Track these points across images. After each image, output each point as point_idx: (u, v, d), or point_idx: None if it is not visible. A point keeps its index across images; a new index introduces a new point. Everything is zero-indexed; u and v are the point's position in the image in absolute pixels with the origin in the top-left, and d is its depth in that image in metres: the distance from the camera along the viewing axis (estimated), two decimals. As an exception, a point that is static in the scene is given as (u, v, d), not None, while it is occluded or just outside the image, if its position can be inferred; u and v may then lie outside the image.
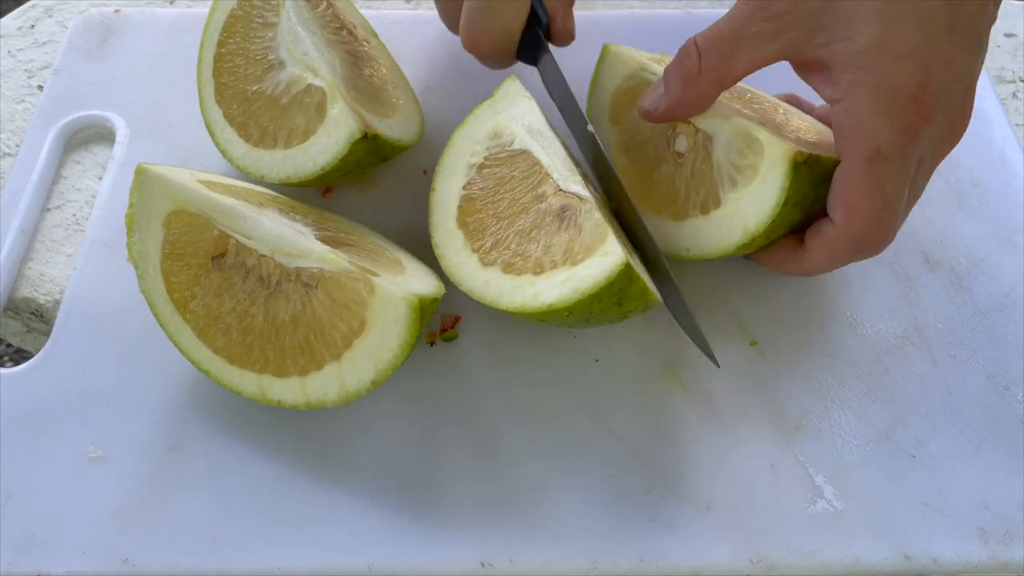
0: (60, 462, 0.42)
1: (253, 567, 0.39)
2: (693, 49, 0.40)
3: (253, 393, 0.41)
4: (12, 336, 0.54)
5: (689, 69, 0.40)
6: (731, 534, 0.40)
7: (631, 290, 0.39)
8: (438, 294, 0.41)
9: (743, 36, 0.39)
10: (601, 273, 0.38)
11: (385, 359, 0.39)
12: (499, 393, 0.44)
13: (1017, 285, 0.49)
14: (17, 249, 0.50)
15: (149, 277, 0.42)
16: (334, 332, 0.40)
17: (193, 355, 0.42)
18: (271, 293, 0.40)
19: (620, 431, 0.43)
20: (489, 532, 0.40)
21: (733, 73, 0.40)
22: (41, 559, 0.39)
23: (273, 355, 0.40)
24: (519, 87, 0.48)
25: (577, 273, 0.39)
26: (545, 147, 0.45)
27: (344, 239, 0.44)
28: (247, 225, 0.41)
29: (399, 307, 0.38)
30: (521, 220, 0.43)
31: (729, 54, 0.39)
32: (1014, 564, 0.40)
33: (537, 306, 0.40)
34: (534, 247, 0.42)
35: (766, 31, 0.38)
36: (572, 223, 0.42)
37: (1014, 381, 0.46)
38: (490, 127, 0.47)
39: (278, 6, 0.49)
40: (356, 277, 0.39)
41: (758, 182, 0.41)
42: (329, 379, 0.40)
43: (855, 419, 0.44)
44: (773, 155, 0.41)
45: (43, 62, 0.61)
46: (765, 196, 0.41)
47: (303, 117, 0.47)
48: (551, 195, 0.43)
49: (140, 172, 0.41)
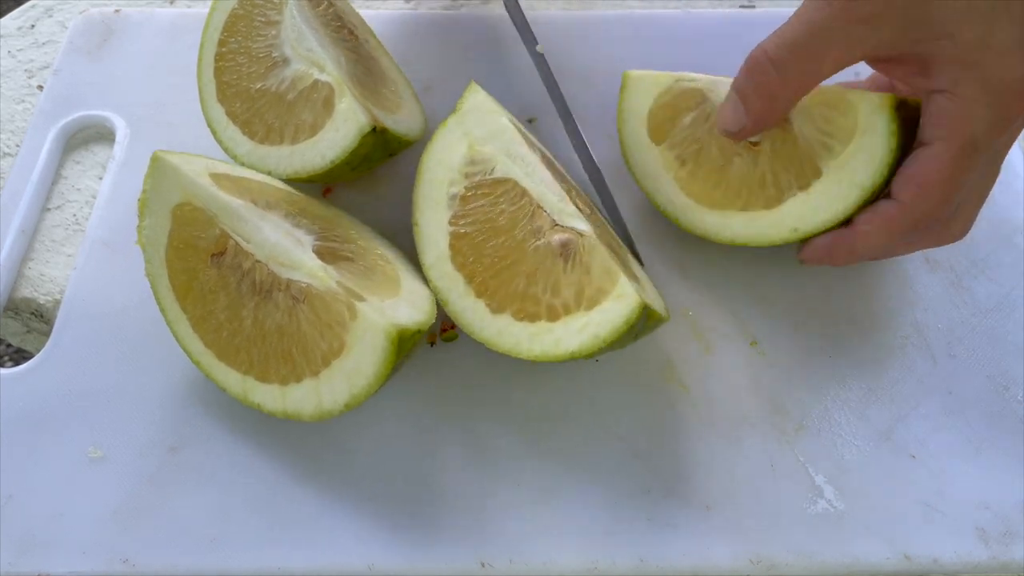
0: (60, 462, 0.42)
1: (253, 567, 0.39)
2: (767, 63, 0.40)
3: (237, 392, 0.41)
4: (12, 336, 0.54)
5: (769, 85, 0.40)
6: (731, 534, 0.40)
7: (648, 324, 0.40)
8: (423, 325, 0.40)
9: (826, 41, 0.39)
10: (620, 318, 0.39)
11: (360, 384, 0.39)
12: (499, 393, 0.44)
13: (1017, 285, 0.49)
14: (17, 249, 0.50)
15: (155, 262, 0.42)
16: (315, 348, 0.39)
17: (187, 345, 0.42)
18: (262, 299, 0.40)
19: (620, 431, 0.43)
20: (489, 532, 0.40)
21: (816, 79, 0.40)
22: (41, 559, 0.39)
23: (258, 359, 0.41)
24: (485, 98, 0.46)
25: (594, 319, 0.39)
26: (528, 173, 0.44)
27: (344, 251, 0.43)
28: (247, 228, 0.41)
29: (377, 336, 0.38)
30: (522, 259, 0.42)
31: (810, 60, 0.39)
32: (1014, 564, 0.40)
33: (559, 354, 0.40)
34: (541, 289, 0.41)
35: (853, 35, 0.38)
36: (577, 262, 0.41)
37: (1014, 381, 0.46)
38: (463, 151, 0.45)
39: (280, 5, 0.49)
40: (340, 299, 0.39)
41: (860, 135, 0.41)
42: (307, 393, 0.40)
43: (855, 419, 0.44)
44: (869, 106, 0.41)
45: (43, 62, 0.61)
46: (875, 145, 0.41)
47: (310, 112, 0.47)
48: (548, 230, 0.42)
49: (155, 160, 0.41)
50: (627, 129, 0.50)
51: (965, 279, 0.49)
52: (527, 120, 0.55)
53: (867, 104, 0.42)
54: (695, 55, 0.59)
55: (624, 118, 0.50)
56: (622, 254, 0.45)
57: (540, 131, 0.55)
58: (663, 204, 0.48)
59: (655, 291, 0.45)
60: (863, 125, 0.42)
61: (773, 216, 0.44)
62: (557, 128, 0.52)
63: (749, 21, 0.61)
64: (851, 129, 0.42)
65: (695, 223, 0.47)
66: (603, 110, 0.55)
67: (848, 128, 0.42)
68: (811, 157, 0.43)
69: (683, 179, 0.47)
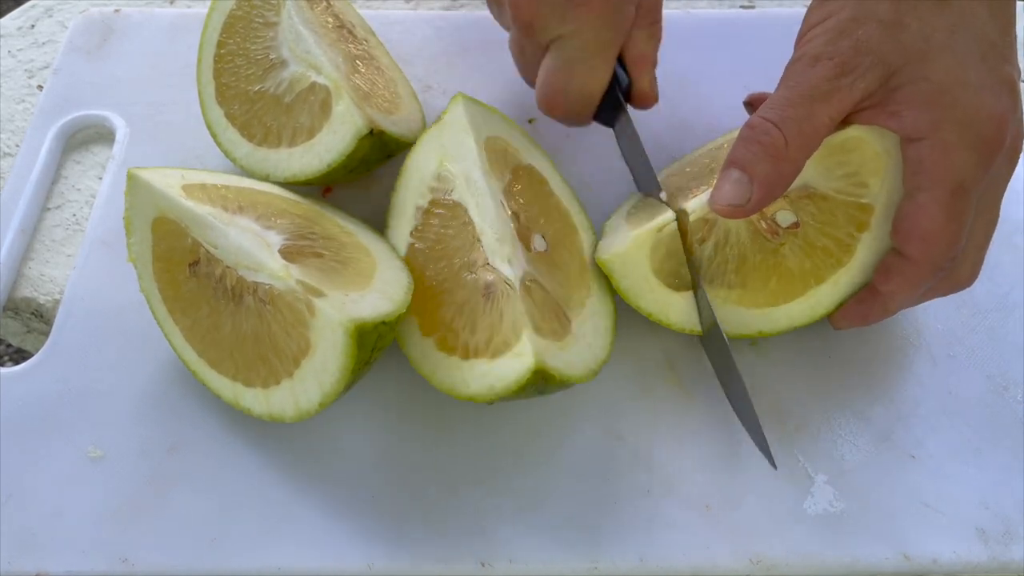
0: (60, 462, 0.42)
1: (253, 567, 0.39)
2: (767, 125, 0.39)
3: (229, 398, 0.42)
4: (12, 336, 0.54)
5: (774, 145, 0.38)
6: (731, 534, 0.40)
7: (549, 385, 0.39)
8: (389, 316, 0.39)
9: (822, 95, 0.39)
10: (513, 375, 0.38)
11: (328, 382, 0.38)
12: (499, 393, 0.44)
13: (1017, 285, 0.49)
14: (17, 249, 0.50)
15: (145, 278, 0.43)
16: (287, 350, 0.39)
17: (183, 355, 0.43)
18: (235, 305, 0.41)
19: (620, 431, 0.43)
20: (489, 532, 0.40)
21: (819, 135, 0.39)
22: (40, 558, 0.39)
23: (242, 365, 0.41)
24: (463, 112, 0.46)
25: (493, 370, 0.40)
26: (479, 203, 0.44)
27: (315, 248, 0.43)
28: (215, 235, 0.41)
29: (336, 332, 0.37)
30: (456, 288, 0.43)
31: (810, 117, 0.39)
32: (1014, 564, 0.40)
33: (460, 393, 0.40)
34: (462, 324, 0.42)
35: (843, 86, 0.38)
36: (494, 306, 0.41)
37: (1014, 381, 0.46)
38: (434, 165, 0.46)
39: (278, 6, 0.49)
40: (299, 297, 0.39)
41: (887, 158, 0.41)
42: (285, 395, 0.40)
43: (855, 419, 0.44)
44: (875, 132, 0.41)
45: (43, 62, 0.61)
46: (898, 167, 0.41)
47: (307, 115, 0.47)
48: (480, 267, 0.43)
49: (130, 177, 0.42)
50: (646, 304, 0.44)
51: (965, 279, 0.49)
52: (527, 121, 0.55)
53: (872, 131, 0.41)
54: (695, 55, 0.59)
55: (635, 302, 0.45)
56: (572, 303, 0.43)
57: (540, 132, 0.55)
58: (736, 331, 0.44)
59: (600, 346, 0.43)
60: (882, 147, 0.41)
61: (855, 266, 0.43)
62: (558, 129, 0.52)
63: (749, 21, 0.61)
64: (873, 158, 0.42)
65: (769, 326, 0.44)
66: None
67: (870, 159, 0.42)
68: (853, 202, 0.43)
69: (739, 298, 0.44)
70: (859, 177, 0.42)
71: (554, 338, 0.41)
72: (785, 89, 0.39)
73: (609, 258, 0.44)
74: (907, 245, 0.40)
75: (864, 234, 0.43)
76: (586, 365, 0.41)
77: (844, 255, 0.43)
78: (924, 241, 0.40)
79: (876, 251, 0.43)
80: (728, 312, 0.44)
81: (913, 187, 0.40)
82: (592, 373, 0.41)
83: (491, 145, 0.46)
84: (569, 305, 0.43)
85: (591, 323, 0.43)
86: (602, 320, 0.44)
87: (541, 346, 0.39)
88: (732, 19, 0.61)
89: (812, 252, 0.44)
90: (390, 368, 0.44)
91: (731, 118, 0.53)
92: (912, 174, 0.40)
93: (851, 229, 0.43)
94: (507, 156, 0.47)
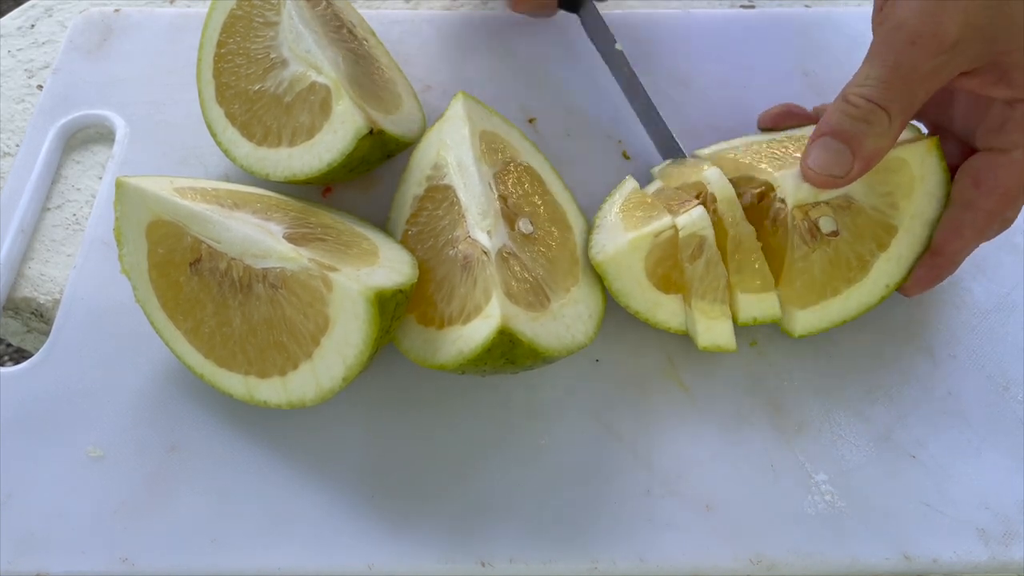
0: (60, 462, 0.42)
1: (253, 567, 0.39)
2: (871, 105, 0.40)
3: (242, 395, 0.41)
4: (12, 336, 0.54)
5: (881, 124, 0.40)
6: (731, 534, 0.40)
7: (517, 351, 0.39)
8: (404, 285, 0.40)
9: (924, 76, 0.39)
10: (481, 336, 0.39)
11: (351, 355, 0.39)
12: (499, 393, 0.44)
13: (1017, 285, 0.49)
14: (17, 249, 0.50)
15: (141, 287, 0.42)
16: (303, 331, 0.40)
17: (188, 360, 0.42)
18: (244, 295, 0.40)
19: (620, 431, 0.43)
20: (489, 532, 0.40)
21: (916, 109, 0.41)
22: (41, 559, 0.39)
23: (255, 356, 0.41)
24: (460, 108, 0.47)
25: (464, 334, 0.40)
26: (467, 183, 0.45)
27: (319, 234, 0.43)
28: (215, 230, 0.41)
29: (357, 302, 0.38)
30: (438, 265, 0.43)
31: (912, 98, 0.40)
32: (1014, 564, 0.40)
33: (433, 363, 0.41)
34: (441, 296, 0.42)
35: (941, 63, 0.39)
36: (470, 275, 0.42)
37: (1014, 381, 0.46)
38: (433, 155, 0.47)
39: (278, 5, 0.49)
40: (314, 275, 0.39)
41: (920, 183, 0.44)
42: (305, 378, 0.40)
43: (855, 419, 0.44)
44: (918, 154, 0.44)
45: (43, 62, 0.61)
46: (935, 184, 0.44)
47: (307, 114, 0.47)
48: (461, 241, 0.43)
49: (119, 185, 0.42)
50: (635, 303, 0.45)
51: (965, 280, 0.49)
52: (527, 120, 0.55)
53: (915, 154, 0.44)
54: (695, 55, 0.59)
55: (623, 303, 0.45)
56: (556, 287, 0.43)
57: (540, 132, 0.55)
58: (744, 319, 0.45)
59: (580, 331, 0.42)
60: (918, 172, 0.44)
61: (866, 285, 0.44)
62: (557, 129, 0.52)
63: (749, 21, 0.61)
64: (909, 181, 0.44)
65: (794, 327, 0.45)
66: (604, 109, 0.55)
67: (906, 182, 0.44)
68: (882, 220, 0.44)
69: (763, 287, 0.45)
70: (893, 198, 0.44)
71: (528, 308, 0.41)
72: (884, 68, 0.40)
73: (604, 261, 0.44)
74: (988, 198, 0.42)
75: (882, 254, 0.44)
76: (560, 341, 0.41)
77: (860, 272, 0.44)
78: (1004, 196, 0.42)
79: (887, 273, 0.44)
80: (748, 300, 0.44)
81: (1005, 143, 0.41)
82: (565, 350, 0.41)
83: (487, 137, 0.47)
84: (552, 288, 0.43)
85: (573, 308, 0.43)
86: (585, 309, 0.44)
87: (511, 310, 0.40)
88: (732, 19, 0.61)
89: (837, 263, 0.44)
90: (390, 368, 0.44)
91: (731, 118, 0.53)
92: (1011, 131, 0.41)
93: (873, 247, 0.44)
94: (504, 150, 0.47)
